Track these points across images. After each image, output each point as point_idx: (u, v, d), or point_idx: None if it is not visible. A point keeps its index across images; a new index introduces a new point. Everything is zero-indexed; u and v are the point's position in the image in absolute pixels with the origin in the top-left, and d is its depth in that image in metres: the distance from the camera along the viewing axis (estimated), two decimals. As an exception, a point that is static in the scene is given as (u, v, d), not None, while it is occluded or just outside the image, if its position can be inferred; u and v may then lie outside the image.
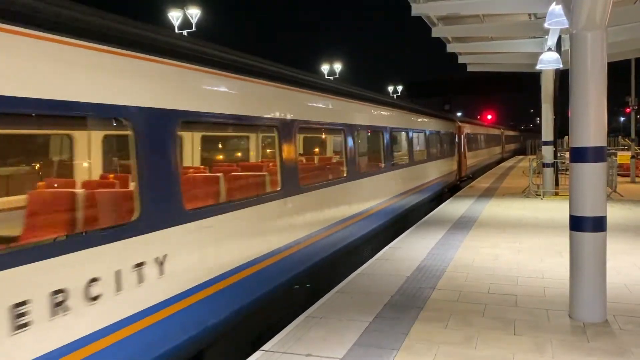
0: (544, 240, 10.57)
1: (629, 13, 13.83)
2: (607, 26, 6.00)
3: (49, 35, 3.73)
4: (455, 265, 8.77)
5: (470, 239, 10.86)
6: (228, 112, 6.06)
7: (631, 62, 24.27)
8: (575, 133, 6.11)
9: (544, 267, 8.48)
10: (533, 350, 5.30)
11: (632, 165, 23.21)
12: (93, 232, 4.23)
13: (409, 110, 15.77)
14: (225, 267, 5.62)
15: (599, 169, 6.05)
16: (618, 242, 10.09)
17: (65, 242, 3.82)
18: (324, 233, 8.41)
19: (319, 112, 8.95)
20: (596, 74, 5.97)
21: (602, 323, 6.01)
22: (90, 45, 4.06)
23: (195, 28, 29.05)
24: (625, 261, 8.70)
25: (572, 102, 6.12)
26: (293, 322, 6.27)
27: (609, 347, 5.36)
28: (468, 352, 5.30)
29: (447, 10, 15.03)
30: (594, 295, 6.10)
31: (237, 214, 6.02)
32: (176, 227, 4.80)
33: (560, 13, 10.44)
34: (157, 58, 4.85)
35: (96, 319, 3.86)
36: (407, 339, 5.65)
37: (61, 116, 4.68)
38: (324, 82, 9.91)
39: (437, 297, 7.06)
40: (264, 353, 5.40)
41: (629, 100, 26.08)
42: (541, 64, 16.04)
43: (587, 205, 6.06)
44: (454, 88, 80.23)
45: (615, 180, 18.21)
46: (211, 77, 5.87)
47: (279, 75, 7.51)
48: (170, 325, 4.69)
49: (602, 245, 6.10)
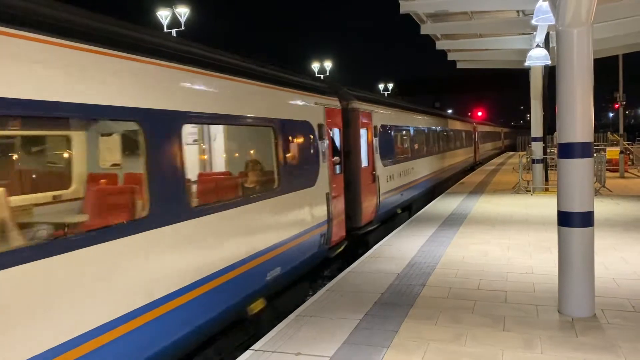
0: (534, 237, 10.62)
1: (615, 10, 13.90)
2: (593, 23, 6.04)
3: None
4: (445, 262, 8.79)
5: (460, 236, 10.89)
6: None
7: (619, 58, 24.36)
8: (562, 129, 6.14)
9: (533, 263, 8.52)
10: (522, 346, 5.32)
11: (621, 160, 23.40)
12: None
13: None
14: None
15: (586, 164, 6.08)
16: (606, 236, 10.16)
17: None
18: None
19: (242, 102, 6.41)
20: (582, 70, 6.00)
21: (591, 318, 6.05)
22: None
23: (184, 27, 28.90)
24: (613, 256, 8.76)
25: (558, 99, 6.15)
26: (283, 321, 6.26)
27: (597, 341, 5.40)
28: (458, 348, 5.32)
29: (435, 7, 15.05)
30: (583, 290, 6.13)
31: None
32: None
33: (547, 10, 10.49)
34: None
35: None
36: (397, 336, 5.66)
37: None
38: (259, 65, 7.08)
39: (427, 294, 7.08)
40: (254, 352, 5.39)
41: (617, 96, 26.20)
42: (529, 60, 16.09)
43: (574, 200, 6.09)
44: (444, 85, 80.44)
45: (604, 175, 18.33)
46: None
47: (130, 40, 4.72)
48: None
49: (590, 240, 6.13)
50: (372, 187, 11.80)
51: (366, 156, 11.60)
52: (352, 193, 10.72)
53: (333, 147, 9.69)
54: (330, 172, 9.17)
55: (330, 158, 9.23)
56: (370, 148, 11.85)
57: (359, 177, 10.96)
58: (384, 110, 13.76)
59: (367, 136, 11.78)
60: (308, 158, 8.33)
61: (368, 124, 11.87)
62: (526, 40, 18.34)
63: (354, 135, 11.00)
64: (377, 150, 12.25)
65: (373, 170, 11.92)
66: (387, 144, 13.47)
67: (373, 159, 11.96)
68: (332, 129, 9.82)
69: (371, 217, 11.69)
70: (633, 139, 38.07)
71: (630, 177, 22.79)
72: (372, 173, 11.87)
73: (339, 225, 9.64)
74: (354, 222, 10.85)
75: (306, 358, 5.21)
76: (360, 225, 11.02)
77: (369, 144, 11.82)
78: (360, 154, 11.10)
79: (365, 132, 11.73)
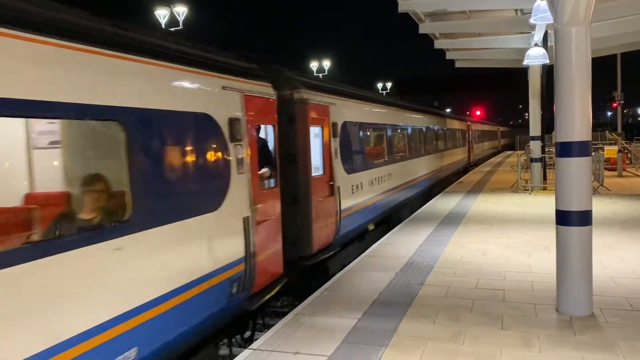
0: (532, 235, 10.62)
1: (614, 9, 13.91)
2: (592, 22, 6.04)
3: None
4: (444, 261, 8.79)
5: (458, 235, 10.89)
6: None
7: (617, 57, 24.38)
8: (560, 128, 6.14)
9: (532, 262, 8.52)
10: (520, 345, 5.32)
11: (619, 159, 23.43)
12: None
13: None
14: None
15: (585, 163, 6.09)
16: (605, 235, 10.17)
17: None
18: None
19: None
20: (580, 69, 6.00)
21: (589, 316, 6.05)
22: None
23: (182, 26, 28.87)
24: (611, 255, 8.77)
25: (557, 98, 6.15)
26: (282, 321, 6.26)
27: (595, 340, 5.40)
28: (456, 347, 5.32)
29: (434, 6, 15.07)
30: (581, 289, 6.13)
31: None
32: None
33: (545, 9, 10.48)
34: None
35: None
36: (396, 335, 5.66)
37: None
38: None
39: (425, 293, 7.08)
40: (253, 352, 5.39)
41: (615, 95, 26.23)
42: (528, 59, 16.12)
43: (573, 199, 6.10)
44: (443, 85, 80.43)
45: (602, 174, 18.36)
46: None
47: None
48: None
49: (588, 239, 6.14)
50: (330, 201, 9.17)
51: (321, 162, 9.15)
52: (297, 212, 8.22)
53: (262, 152, 7.17)
54: (254, 187, 6.42)
55: (253, 167, 6.50)
56: (327, 151, 9.29)
57: (309, 189, 8.40)
58: (347, 104, 10.95)
59: (322, 136, 9.21)
60: (205, 168, 5.60)
61: (324, 120, 9.22)
62: (524, 39, 18.34)
63: (301, 135, 8.40)
64: (337, 154, 9.66)
65: (330, 179, 9.28)
66: (353, 145, 10.89)
67: (331, 165, 9.33)
68: (260, 125, 7.36)
69: (328, 240, 9.12)
70: (631, 138, 38.09)
71: (629, 176, 22.82)
72: (330, 183, 9.24)
73: (270, 260, 6.92)
74: (302, 250, 8.33)
75: (305, 357, 5.21)
76: (312, 252, 8.46)
77: (324, 146, 9.24)
78: (310, 160, 8.51)
79: (320, 131, 9.19)
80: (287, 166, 7.99)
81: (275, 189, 7.39)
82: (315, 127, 8.99)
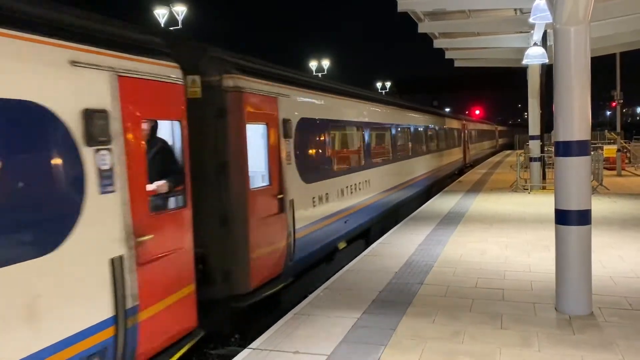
0: (532, 235, 10.63)
1: (613, 8, 13.91)
2: (591, 21, 6.04)
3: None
4: (443, 260, 8.79)
5: (458, 234, 10.90)
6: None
7: (616, 57, 24.40)
8: (559, 127, 6.14)
9: (531, 261, 8.53)
10: (519, 344, 5.33)
11: (618, 158, 23.45)
12: None
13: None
14: None
15: (584, 162, 6.09)
16: (604, 235, 10.17)
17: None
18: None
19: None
20: (580, 68, 6.00)
21: (588, 316, 6.06)
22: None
23: (181, 25, 28.87)
24: (610, 254, 8.78)
25: (556, 97, 6.15)
26: (281, 320, 6.26)
27: (594, 339, 5.41)
28: (455, 346, 5.32)
29: (433, 5, 15.05)
30: (580, 288, 6.14)
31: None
32: None
33: (544, 8, 10.47)
34: None
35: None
36: (395, 334, 5.66)
37: None
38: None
39: (425, 293, 7.08)
40: (252, 351, 5.39)
41: (614, 94, 26.26)
42: (527, 59, 16.13)
43: (572, 198, 6.10)
44: (442, 84, 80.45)
45: (601, 173, 18.37)
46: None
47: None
48: None
49: (587, 239, 6.14)
50: (278, 219, 7.24)
51: (266, 170, 7.16)
52: (228, 236, 6.40)
53: (159, 158, 5.35)
54: (136, 211, 4.55)
55: (135, 181, 4.58)
56: (275, 156, 7.28)
57: (245, 206, 6.49)
58: (307, 96, 8.85)
59: (267, 137, 7.15)
60: (26, 189, 3.65)
61: (270, 116, 7.25)
62: (524, 39, 18.33)
63: (234, 135, 6.48)
64: (290, 159, 7.72)
65: (279, 192, 7.30)
66: (316, 148, 9.05)
67: (280, 173, 7.36)
68: (156, 122, 5.45)
69: (276, 269, 7.25)
70: (630, 137, 38.11)
71: (628, 176, 22.84)
72: (278, 197, 7.28)
73: (171, 312, 5.01)
74: (235, 287, 6.44)
75: (304, 356, 5.21)
76: (249, 289, 6.55)
77: (271, 149, 7.21)
78: (247, 168, 6.60)
79: (264, 130, 7.14)
80: (214, 177, 6.32)
81: (184, 211, 5.34)
82: (255, 124, 6.95)
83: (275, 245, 7.20)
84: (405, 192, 15.24)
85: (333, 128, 10.06)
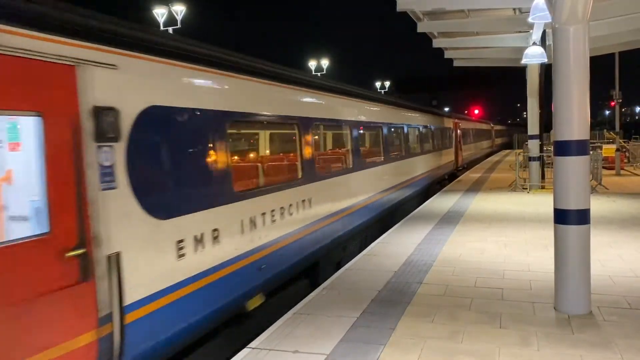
0: (531, 234, 10.64)
1: (612, 7, 13.93)
2: (590, 21, 6.04)
3: None
4: (442, 259, 8.80)
5: (457, 234, 10.90)
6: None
7: (615, 56, 24.44)
8: (558, 127, 6.15)
9: (530, 261, 8.54)
10: (519, 344, 5.33)
11: (617, 158, 23.47)
12: None
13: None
14: None
15: (583, 162, 6.10)
16: (603, 234, 10.19)
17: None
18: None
19: None
20: (579, 68, 6.00)
21: (587, 315, 6.07)
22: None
23: (180, 25, 28.85)
24: (609, 253, 8.79)
25: (555, 97, 6.16)
26: (281, 319, 6.26)
27: (593, 338, 5.41)
28: (454, 346, 5.33)
29: (432, 5, 15.04)
30: (579, 288, 6.15)
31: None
32: None
33: (543, 7, 10.49)
34: None
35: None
36: (394, 334, 5.66)
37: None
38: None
39: (424, 292, 7.08)
40: (251, 350, 5.39)
41: (613, 93, 26.31)
42: (526, 58, 16.12)
43: (570, 198, 6.11)
44: (441, 83, 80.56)
45: (600, 173, 18.38)
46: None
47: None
48: None
49: (586, 238, 6.15)
50: (68, 299, 3.83)
51: (44, 204, 3.75)
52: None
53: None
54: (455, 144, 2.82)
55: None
56: (67, 176, 3.90)
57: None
58: (158, 68, 5.01)
59: (42, 140, 3.72)
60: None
61: (53, 100, 3.81)
62: (523, 38, 18.34)
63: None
64: (114, 180, 4.30)
65: (77, 243, 3.91)
66: (183, 157, 5.23)
67: (79, 206, 3.96)
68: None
69: (461, 164, 4.68)
70: (629, 137, 38.16)
71: (627, 175, 22.85)
72: (74, 253, 3.88)
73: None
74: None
75: (303, 356, 5.22)
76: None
77: (53, 164, 3.78)
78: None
79: (35, 128, 3.75)
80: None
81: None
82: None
83: (62, 345, 3.78)
84: (365, 212, 11.10)
85: (227, 123, 6.04)
